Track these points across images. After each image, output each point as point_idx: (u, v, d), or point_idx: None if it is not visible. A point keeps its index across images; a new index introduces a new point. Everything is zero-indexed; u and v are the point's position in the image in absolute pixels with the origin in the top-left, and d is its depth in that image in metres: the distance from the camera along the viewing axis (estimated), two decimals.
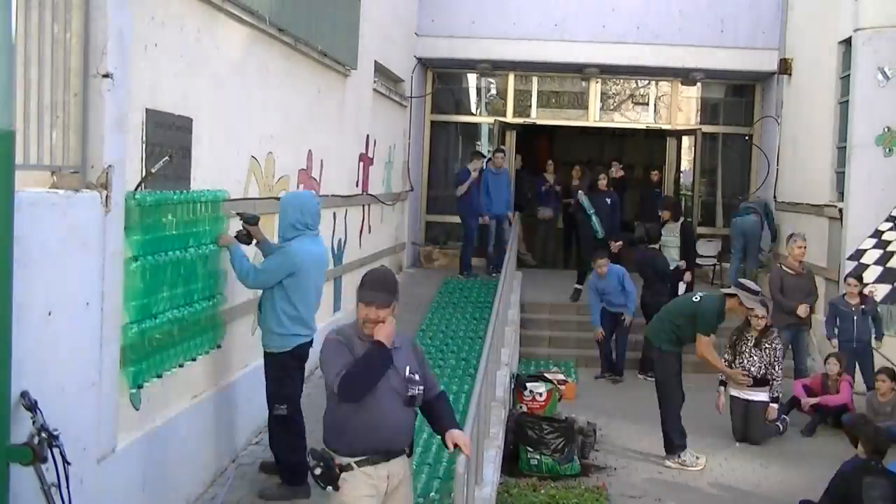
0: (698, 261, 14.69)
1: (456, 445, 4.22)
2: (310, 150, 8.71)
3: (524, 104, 16.19)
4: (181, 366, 5.64)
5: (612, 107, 17.26)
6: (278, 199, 6.77)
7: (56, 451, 3.84)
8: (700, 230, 15.13)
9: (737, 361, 8.88)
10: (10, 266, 3.65)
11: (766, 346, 8.85)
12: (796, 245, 10.23)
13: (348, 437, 4.16)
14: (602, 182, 12.91)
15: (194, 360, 5.80)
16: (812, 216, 12.27)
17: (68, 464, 3.91)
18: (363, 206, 11.27)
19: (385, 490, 4.20)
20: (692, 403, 8.55)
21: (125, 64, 4.80)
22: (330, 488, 4.13)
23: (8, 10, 3.70)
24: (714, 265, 14.76)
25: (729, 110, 16.46)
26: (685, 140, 16.43)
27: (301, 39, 7.97)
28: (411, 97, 14.48)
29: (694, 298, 8.43)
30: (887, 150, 10.58)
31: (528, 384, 8.94)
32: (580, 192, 13.22)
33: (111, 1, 4.66)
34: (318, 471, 4.13)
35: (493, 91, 16.86)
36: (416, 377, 4.24)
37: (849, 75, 11.16)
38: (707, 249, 14.96)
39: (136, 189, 5.02)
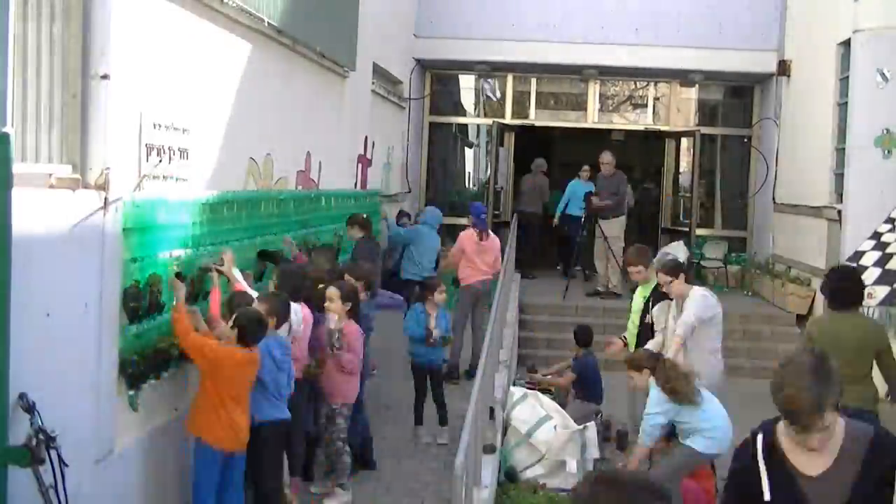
0: (703, 263, 14.74)
1: None
2: (308, 152, 8.71)
3: (523, 105, 16.19)
4: (180, 367, 5.62)
5: (610, 108, 17.26)
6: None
7: (54, 452, 3.84)
8: (699, 232, 15.15)
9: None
10: (8, 267, 3.64)
11: None
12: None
13: None
14: None
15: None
16: (811, 218, 12.27)
17: (66, 465, 3.90)
18: None
19: None
20: None
21: (123, 65, 4.80)
22: None
23: (5, 11, 3.69)
24: (718, 267, 14.76)
25: (728, 112, 16.46)
26: (684, 141, 16.43)
27: (300, 41, 7.96)
28: (410, 98, 14.48)
29: None
30: (886, 151, 10.57)
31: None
32: None
33: (110, 2, 4.65)
34: None
35: (492, 92, 16.86)
36: None
37: (848, 77, 11.15)
38: (714, 251, 14.96)
39: (134, 190, 5.01)
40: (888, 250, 10.66)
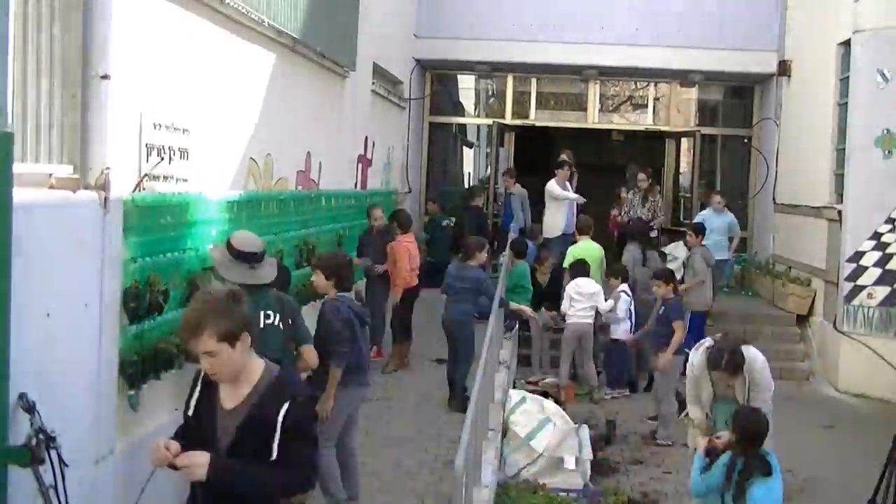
0: None
1: None
2: (308, 152, 8.71)
3: (523, 106, 16.20)
4: (180, 367, 5.62)
5: (610, 108, 17.26)
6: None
7: (54, 452, 3.83)
8: None
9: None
10: (8, 267, 3.64)
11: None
12: None
13: None
14: None
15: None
16: (811, 218, 12.27)
17: (66, 465, 3.90)
18: None
19: None
20: None
21: (124, 65, 4.80)
22: None
23: (5, 11, 3.69)
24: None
25: (728, 112, 16.46)
26: (684, 142, 16.43)
27: (300, 41, 7.96)
28: (410, 99, 14.48)
29: None
30: (886, 152, 10.57)
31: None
32: None
33: (110, 2, 4.66)
34: None
35: (492, 93, 16.87)
36: None
37: (848, 77, 11.15)
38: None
39: (133, 190, 5.01)
40: (888, 250, 10.70)
